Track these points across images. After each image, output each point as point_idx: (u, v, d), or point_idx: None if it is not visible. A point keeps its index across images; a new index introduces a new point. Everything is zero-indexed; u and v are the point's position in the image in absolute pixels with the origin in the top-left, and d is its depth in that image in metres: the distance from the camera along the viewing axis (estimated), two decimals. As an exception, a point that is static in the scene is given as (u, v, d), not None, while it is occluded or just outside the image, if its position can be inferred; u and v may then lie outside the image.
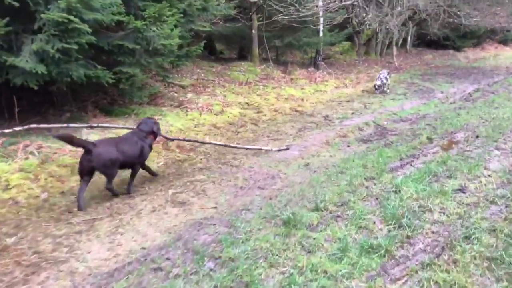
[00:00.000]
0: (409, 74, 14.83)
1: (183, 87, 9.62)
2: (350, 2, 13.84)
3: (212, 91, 9.71)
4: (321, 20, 13.20)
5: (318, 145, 5.86)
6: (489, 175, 4.45)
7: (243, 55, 14.30)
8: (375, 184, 4.17)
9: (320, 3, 12.90)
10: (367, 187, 4.10)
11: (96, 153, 3.72)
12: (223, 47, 17.21)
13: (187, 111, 7.63)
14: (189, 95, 8.95)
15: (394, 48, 17.92)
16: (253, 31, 12.26)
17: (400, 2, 16.05)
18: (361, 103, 9.21)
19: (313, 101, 9.46)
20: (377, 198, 3.80)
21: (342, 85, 11.86)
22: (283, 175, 4.52)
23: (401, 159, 5.11)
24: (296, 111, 8.47)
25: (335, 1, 13.30)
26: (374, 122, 7.33)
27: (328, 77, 12.75)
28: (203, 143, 5.79)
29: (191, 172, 4.67)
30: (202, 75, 11.30)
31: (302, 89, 10.75)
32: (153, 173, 4.56)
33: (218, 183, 4.29)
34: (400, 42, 21.28)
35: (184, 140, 5.74)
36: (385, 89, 10.78)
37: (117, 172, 4.03)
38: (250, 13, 12.23)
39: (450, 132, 6.50)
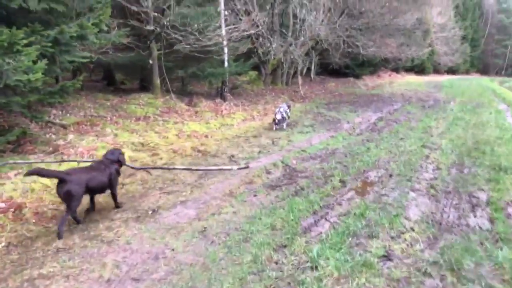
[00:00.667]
0: (315, 103, 14.88)
1: (64, 127, 8.13)
2: (253, 31, 13.53)
3: (102, 129, 8.37)
4: (226, 50, 12.61)
5: (220, 198, 4.94)
6: (412, 229, 3.93)
7: (145, 86, 13.10)
8: (286, 257, 3.34)
9: (223, 32, 12.34)
10: (276, 263, 3.25)
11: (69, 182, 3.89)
12: (125, 77, 15.81)
13: (62, 158, 6.21)
14: (70, 137, 7.50)
15: (299, 78, 18.10)
16: (150, 61, 11.20)
17: (303, 32, 16.25)
18: (269, 139, 8.59)
19: (218, 138, 8.61)
20: (289, 283, 2.95)
21: (249, 117, 11.26)
22: (170, 253, 3.44)
23: (314, 213, 4.41)
24: (199, 151, 7.51)
25: (238, 31, 12.87)
26: (282, 162, 6.66)
27: (236, 109, 12.11)
28: (173, 169, 6.02)
29: (41, 259, 3.35)
30: (93, 110, 9.87)
31: (207, 123, 9.89)
32: (116, 204, 4.62)
33: (75, 278, 3.05)
34: (304, 71, 21.82)
35: (150, 168, 5.95)
36: (284, 125, 9.83)
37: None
38: (148, 42, 11.18)
39: (362, 171, 6.07)
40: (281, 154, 7.22)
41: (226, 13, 12.13)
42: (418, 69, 40.38)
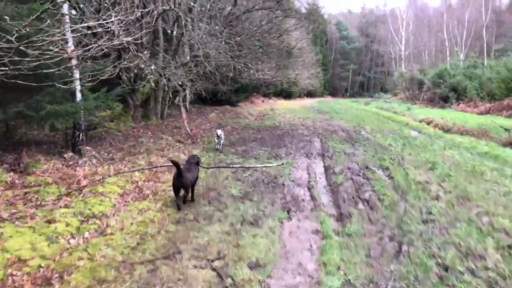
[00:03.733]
0: (212, 146, 10.90)
1: None
2: (117, 44, 8.96)
3: None
4: (77, 73, 7.79)
5: None
6: None
7: None
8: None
9: (71, 46, 7.53)
10: None
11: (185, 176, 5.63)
12: None
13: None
14: None
15: (183, 109, 13.89)
16: None
17: (184, 48, 12.19)
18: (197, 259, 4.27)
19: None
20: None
21: (132, 188, 6.59)
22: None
23: None
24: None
25: (95, 44, 8.13)
26: None
27: (102, 170, 7.28)
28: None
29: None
30: None
31: (47, 222, 4.87)
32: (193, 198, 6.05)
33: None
34: (181, 100, 17.61)
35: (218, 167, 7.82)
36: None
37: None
38: None
39: None
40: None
41: (74, 12, 7.39)
42: (285, 93, 40.11)
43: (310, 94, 52.38)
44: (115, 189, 6.18)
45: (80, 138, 8.21)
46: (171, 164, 5.73)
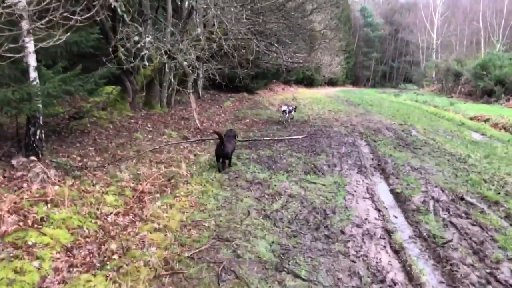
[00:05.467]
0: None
1: None
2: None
3: None
4: (29, 44, 5.24)
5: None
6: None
7: None
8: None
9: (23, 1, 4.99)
10: None
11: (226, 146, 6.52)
12: None
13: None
14: None
15: (192, 98, 11.24)
16: None
17: (197, 21, 9.51)
18: None
19: None
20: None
21: (90, 235, 4.01)
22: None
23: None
24: None
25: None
26: None
27: (56, 193, 4.69)
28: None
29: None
30: None
31: None
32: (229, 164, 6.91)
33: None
34: (190, 85, 14.89)
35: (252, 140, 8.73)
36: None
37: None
38: None
39: None
40: None
41: None
42: (307, 81, 37.10)
43: (331, 83, 49.16)
44: (60, 237, 3.58)
45: (37, 137, 5.64)
46: (215, 134, 6.64)
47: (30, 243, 3.35)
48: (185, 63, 9.73)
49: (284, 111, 12.37)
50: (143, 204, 4.78)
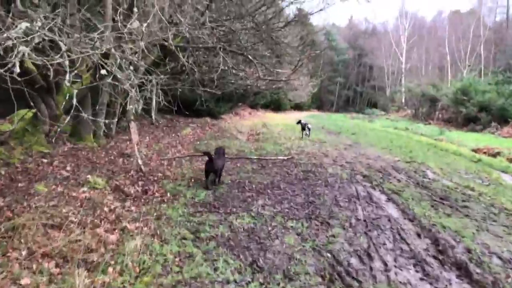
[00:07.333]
0: (181, 211, 5.19)
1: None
2: None
3: None
4: None
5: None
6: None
7: None
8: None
9: None
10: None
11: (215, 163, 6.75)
12: None
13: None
14: None
15: (133, 126, 8.02)
16: None
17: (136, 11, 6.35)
18: None
19: None
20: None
21: None
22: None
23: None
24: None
25: None
26: None
27: None
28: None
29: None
30: None
31: None
32: (220, 181, 7.05)
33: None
34: (131, 110, 11.21)
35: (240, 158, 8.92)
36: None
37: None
38: None
39: None
40: None
41: None
42: (274, 105, 34.64)
43: (298, 107, 47.22)
44: None
45: None
46: (203, 154, 7.40)
47: None
48: (122, 76, 6.54)
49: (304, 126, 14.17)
50: None
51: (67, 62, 4.17)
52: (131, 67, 6.15)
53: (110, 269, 3.54)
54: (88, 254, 3.89)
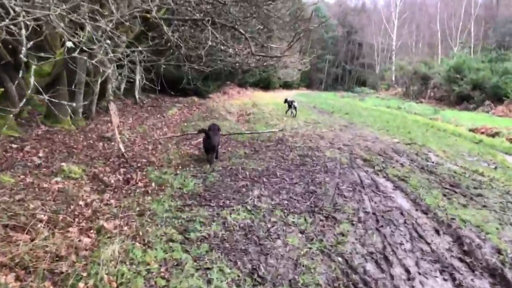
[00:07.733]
0: (164, 207, 4.56)
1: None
2: None
3: None
4: None
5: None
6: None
7: None
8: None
9: None
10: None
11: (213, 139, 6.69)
12: None
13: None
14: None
15: (111, 108, 7.26)
16: None
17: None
18: None
19: None
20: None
21: None
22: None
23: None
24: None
25: None
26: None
27: None
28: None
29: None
30: None
31: None
32: (217, 156, 7.12)
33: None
34: (110, 89, 10.22)
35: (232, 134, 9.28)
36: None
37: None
38: None
39: None
40: None
41: None
42: (264, 84, 33.75)
43: (287, 86, 46.34)
44: None
45: None
46: (201, 132, 6.97)
47: None
48: (99, 51, 5.76)
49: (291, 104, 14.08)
50: None
51: (23, 31, 3.43)
52: (108, 41, 5.37)
53: (81, 284, 2.93)
54: (56, 263, 3.26)
